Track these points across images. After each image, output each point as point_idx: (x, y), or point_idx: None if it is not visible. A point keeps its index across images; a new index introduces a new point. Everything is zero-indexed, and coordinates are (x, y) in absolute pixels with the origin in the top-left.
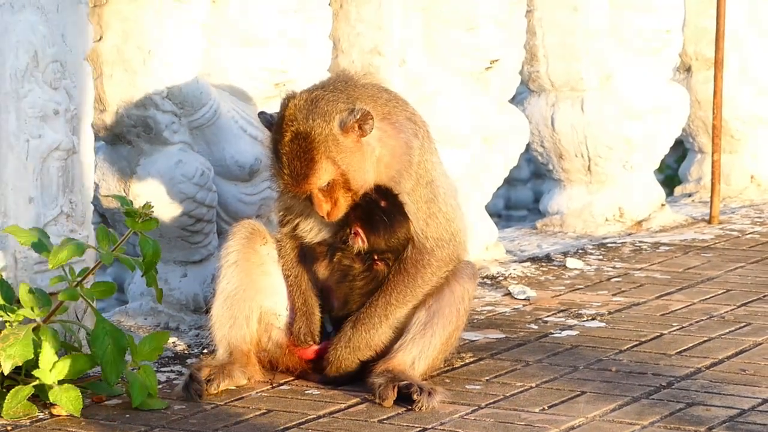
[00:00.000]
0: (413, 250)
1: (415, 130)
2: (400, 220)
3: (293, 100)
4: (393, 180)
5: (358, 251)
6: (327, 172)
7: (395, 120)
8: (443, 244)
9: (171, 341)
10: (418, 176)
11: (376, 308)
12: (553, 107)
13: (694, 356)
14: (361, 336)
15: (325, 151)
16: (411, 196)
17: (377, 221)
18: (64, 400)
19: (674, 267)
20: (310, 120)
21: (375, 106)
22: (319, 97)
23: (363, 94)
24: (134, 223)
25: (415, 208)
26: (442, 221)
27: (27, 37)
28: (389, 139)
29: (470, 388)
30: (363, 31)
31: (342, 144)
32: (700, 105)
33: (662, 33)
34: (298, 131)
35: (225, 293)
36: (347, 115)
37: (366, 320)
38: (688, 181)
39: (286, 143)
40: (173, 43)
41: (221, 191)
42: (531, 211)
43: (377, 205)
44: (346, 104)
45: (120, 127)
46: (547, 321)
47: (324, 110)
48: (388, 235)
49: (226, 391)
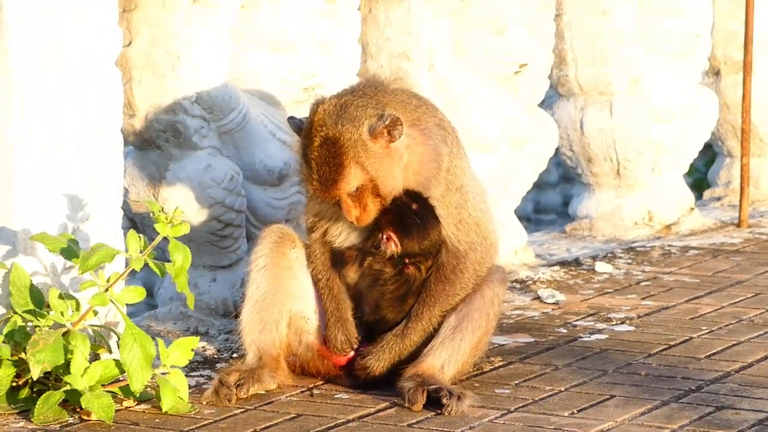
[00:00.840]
0: (448, 255)
1: (444, 137)
2: (433, 222)
3: (322, 105)
4: (422, 186)
5: (390, 255)
6: (356, 177)
7: (424, 126)
8: (476, 247)
9: (200, 346)
10: (448, 182)
11: (421, 321)
12: (581, 111)
13: (723, 360)
14: (407, 348)
15: (354, 157)
16: (441, 202)
17: (410, 224)
18: (96, 406)
19: (703, 271)
20: (339, 125)
21: (404, 112)
22: (349, 103)
23: (392, 99)
24: (164, 228)
25: (446, 213)
26: (472, 225)
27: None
28: (418, 145)
29: (499, 392)
30: (392, 36)
31: (371, 149)
32: (728, 109)
33: (691, 37)
34: (327, 136)
35: (254, 298)
36: (376, 121)
37: (412, 334)
38: (717, 184)
39: (315, 148)
40: (202, 47)
41: (250, 196)
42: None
43: (409, 208)
44: (375, 110)
45: (149, 131)
46: (576, 325)
47: (353, 115)
48: (421, 238)
49: (256, 395)
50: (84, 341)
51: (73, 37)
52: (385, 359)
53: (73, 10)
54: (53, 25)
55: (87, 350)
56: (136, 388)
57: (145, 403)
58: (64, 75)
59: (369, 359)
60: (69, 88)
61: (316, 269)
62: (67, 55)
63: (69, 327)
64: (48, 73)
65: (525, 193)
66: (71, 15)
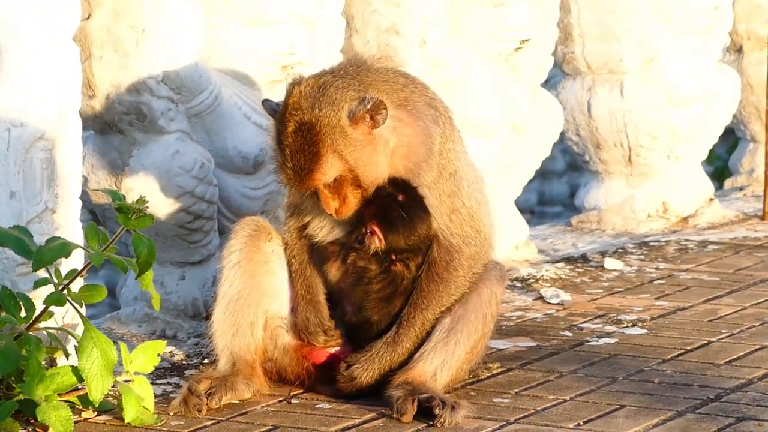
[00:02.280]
0: (440, 250)
1: (435, 116)
2: (420, 215)
3: (298, 86)
4: (411, 172)
5: (375, 251)
6: (333, 167)
7: (412, 106)
8: (469, 241)
9: (167, 350)
10: (440, 167)
11: (413, 327)
12: (589, 92)
13: (745, 366)
14: (399, 357)
15: (332, 144)
16: (432, 190)
17: (395, 218)
18: (53, 418)
19: (723, 268)
20: (316, 109)
21: (390, 92)
22: (327, 84)
23: (377, 79)
24: (127, 220)
25: (438, 203)
26: (466, 217)
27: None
28: (405, 127)
29: (498, 401)
30: (379, 8)
31: (350, 136)
32: (752, 89)
33: (710, 10)
34: (303, 121)
35: (227, 298)
36: (357, 105)
37: (404, 342)
38: (740, 173)
39: (289, 134)
40: (169, 22)
41: (223, 185)
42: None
43: (394, 199)
44: (356, 92)
45: (111, 114)
46: (582, 328)
47: (332, 98)
48: (407, 233)
49: (229, 405)
50: (39, 346)
51: (26, 9)
52: (374, 369)
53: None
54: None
55: (42, 356)
56: (95, 397)
57: (106, 414)
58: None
59: (356, 369)
60: (21, 65)
61: (290, 254)
62: (19, 29)
63: (22, 330)
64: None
65: (527, 183)
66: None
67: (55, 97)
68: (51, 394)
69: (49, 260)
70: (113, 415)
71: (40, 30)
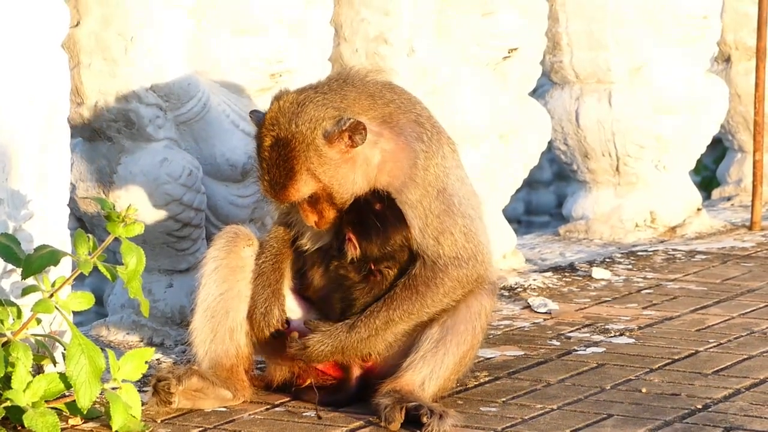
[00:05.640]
0: (423, 268)
1: (419, 133)
2: (396, 225)
3: (279, 101)
4: (395, 189)
5: (352, 259)
6: (307, 184)
7: (395, 123)
8: (460, 263)
9: (155, 358)
10: (426, 184)
11: (375, 320)
12: (577, 101)
13: (732, 376)
14: (352, 343)
15: (305, 163)
16: (416, 209)
17: (370, 226)
18: (40, 425)
19: (711, 278)
20: (292, 126)
21: (374, 108)
22: (308, 100)
23: (362, 93)
24: (115, 228)
25: (424, 223)
26: (458, 237)
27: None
28: (388, 143)
29: (485, 410)
30: (368, 17)
31: (325, 156)
32: (740, 99)
33: (699, 19)
34: (278, 138)
35: (205, 305)
36: (333, 125)
37: (363, 329)
38: (727, 183)
39: (265, 149)
40: (158, 29)
41: (211, 193)
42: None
43: (371, 208)
44: (335, 110)
45: (99, 121)
46: (570, 337)
47: (309, 116)
48: (382, 242)
49: (215, 413)
50: (26, 352)
51: (13, 16)
52: (327, 344)
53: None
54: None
55: (29, 362)
56: (83, 404)
57: (93, 421)
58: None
59: (310, 339)
60: (9, 72)
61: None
62: (7, 36)
63: (9, 337)
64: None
65: (514, 192)
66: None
67: (44, 104)
68: (38, 400)
69: (38, 268)
70: (101, 423)
71: (28, 37)
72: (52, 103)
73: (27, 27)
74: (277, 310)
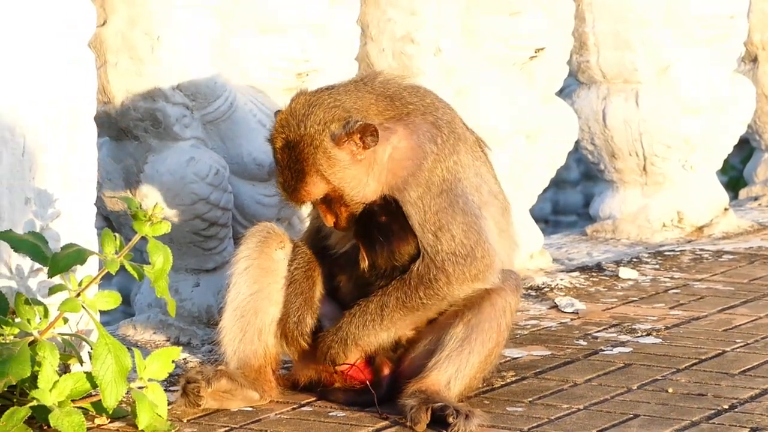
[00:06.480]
0: (421, 264)
1: (434, 135)
2: (403, 237)
3: (293, 102)
4: (397, 187)
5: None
6: (317, 187)
7: (410, 122)
8: (456, 259)
9: (182, 357)
10: (429, 183)
11: (370, 305)
12: (604, 101)
13: (759, 376)
14: (349, 329)
15: (314, 165)
16: (415, 206)
17: (374, 238)
18: (65, 425)
19: (738, 278)
20: (301, 128)
21: (391, 108)
22: (320, 101)
23: (380, 96)
24: (142, 227)
25: (422, 219)
26: (456, 233)
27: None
28: (399, 142)
29: (512, 410)
30: (394, 17)
31: (334, 158)
32: (767, 99)
33: (725, 19)
34: (288, 140)
35: (234, 304)
36: (341, 127)
37: (357, 314)
38: (754, 183)
39: (277, 150)
40: (184, 29)
41: (237, 192)
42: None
43: (376, 220)
44: (345, 112)
45: (126, 120)
46: (597, 337)
47: (319, 118)
48: (387, 253)
49: (242, 412)
50: (53, 352)
51: (42, 15)
52: (330, 336)
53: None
54: (20, 2)
55: (56, 362)
56: (109, 404)
57: (119, 420)
58: (33, 57)
59: (319, 337)
60: (37, 71)
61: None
62: (35, 36)
63: (36, 336)
64: (14, 55)
65: (541, 192)
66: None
67: (70, 103)
68: (64, 400)
69: (65, 267)
70: (127, 422)
71: (55, 36)
72: (79, 102)
73: (54, 26)
74: (310, 318)
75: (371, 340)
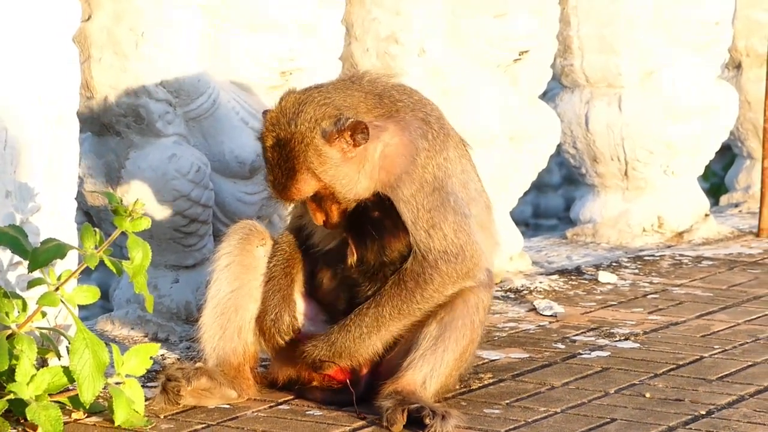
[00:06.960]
0: (414, 263)
1: (424, 131)
2: (395, 233)
3: (282, 101)
4: (390, 185)
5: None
6: (308, 184)
7: (401, 119)
8: (449, 257)
9: (159, 353)
10: (423, 181)
11: (365, 317)
12: (587, 105)
13: (737, 382)
14: (345, 343)
15: (305, 162)
16: (408, 204)
17: (365, 233)
18: (42, 419)
19: (717, 284)
20: (292, 126)
21: (380, 106)
22: (310, 99)
23: (369, 93)
24: (123, 222)
25: (415, 216)
26: (448, 232)
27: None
28: (391, 138)
29: (489, 412)
30: (379, 16)
31: (325, 155)
32: (750, 106)
33: (710, 25)
34: (279, 138)
35: (215, 301)
36: (331, 125)
37: (353, 328)
38: (736, 189)
39: (267, 149)
40: (169, 25)
41: (218, 189)
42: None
43: (368, 215)
44: (335, 109)
45: (108, 116)
46: (575, 340)
47: (309, 116)
48: (378, 249)
49: (219, 409)
50: (30, 345)
51: (26, 10)
52: (321, 348)
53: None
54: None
55: (34, 355)
56: (86, 398)
57: (96, 415)
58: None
59: (306, 346)
60: (21, 66)
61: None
62: (19, 30)
63: (14, 329)
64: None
65: (523, 194)
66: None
67: (53, 97)
68: (41, 394)
69: (45, 261)
70: (103, 417)
71: (39, 30)
72: (62, 97)
73: (39, 20)
74: (288, 316)
75: (368, 352)
